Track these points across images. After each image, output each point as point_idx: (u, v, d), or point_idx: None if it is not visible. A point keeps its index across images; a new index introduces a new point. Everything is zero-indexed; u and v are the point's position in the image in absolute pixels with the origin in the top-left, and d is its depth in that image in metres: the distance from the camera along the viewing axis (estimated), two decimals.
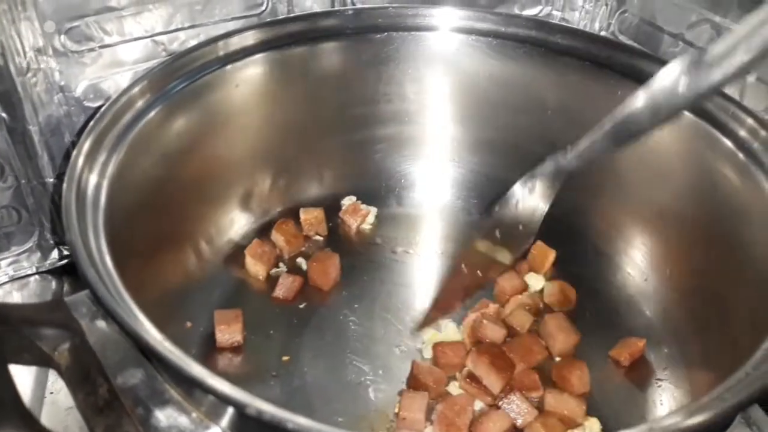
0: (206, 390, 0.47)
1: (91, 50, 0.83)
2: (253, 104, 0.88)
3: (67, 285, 0.91)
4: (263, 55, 0.87)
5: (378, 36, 0.92)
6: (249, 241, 0.88)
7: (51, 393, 0.77)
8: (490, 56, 0.93)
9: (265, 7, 0.93)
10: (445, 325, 0.81)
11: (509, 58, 0.92)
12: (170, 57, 0.81)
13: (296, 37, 0.89)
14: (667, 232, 0.83)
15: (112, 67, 0.85)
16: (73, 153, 0.65)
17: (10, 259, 0.88)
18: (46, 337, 0.54)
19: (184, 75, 0.80)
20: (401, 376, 0.75)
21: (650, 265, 0.85)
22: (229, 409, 0.49)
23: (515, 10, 1.05)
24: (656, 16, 0.95)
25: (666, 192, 0.82)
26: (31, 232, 0.88)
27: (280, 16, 0.93)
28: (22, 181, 0.84)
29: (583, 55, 0.88)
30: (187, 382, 0.48)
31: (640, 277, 0.86)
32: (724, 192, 0.75)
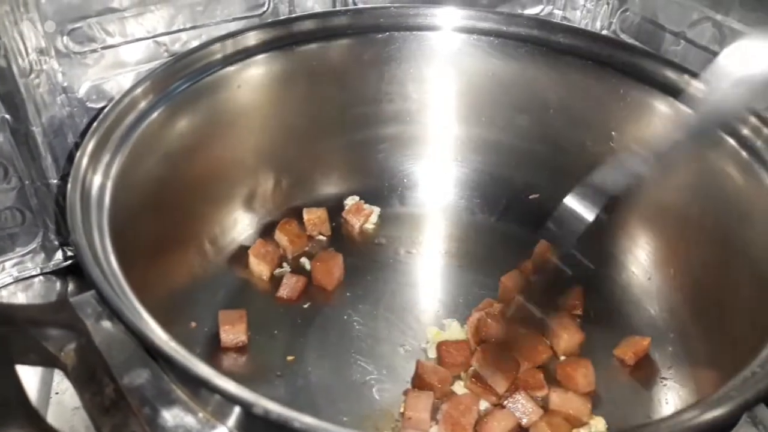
0: (213, 390, 0.47)
1: (94, 51, 0.83)
2: (255, 105, 0.89)
3: (72, 285, 0.91)
4: (265, 56, 0.87)
5: (380, 36, 0.93)
6: (252, 242, 0.88)
7: (56, 393, 0.77)
8: (491, 55, 0.93)
9: (266, 8, 0.93)
10: (449, 324, 0.81)
11: (511, 58, 0.92)
12: (173, 58, 0.81)
13: (298, 38, 0.89)
14: (670, 230, 0.83)
15: (115, 68, 0.85)
16: (77, 154, 0.65)
17: (15, 260, 0.88)
18: (52, 337, 0.54)
19: (187, 76, 0.80)
20: (406, 376, 0.75)
21: (654, 263, 0.85)
22: (236, 409, 0.49)
23: (517, 10, 1.05)
24: (658, 15, 0.95)
25: (669, 191, 0.82)
26: (35, 233, 0.88)
27: (282, 17, 0.93)
28: (26, 182, 0.84)
29: (584, 54, 0.88)
30: (194, 382, 0.48)
31: (644, 276, 0.86)
32: (728, 190, 0.75)
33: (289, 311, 0.82)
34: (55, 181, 0.85)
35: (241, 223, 0.90)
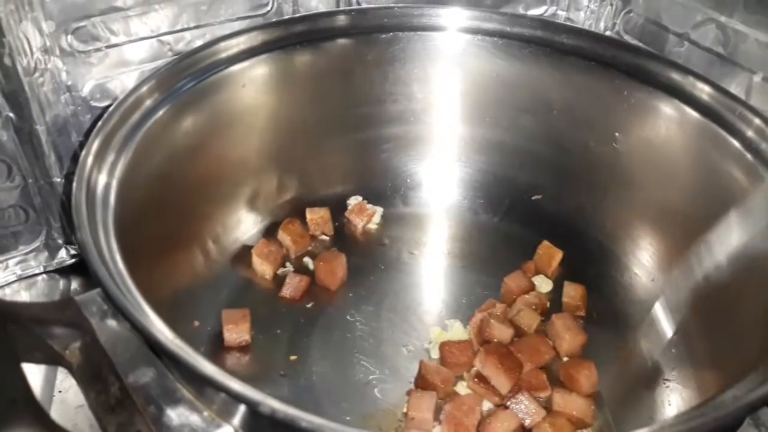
0: (220, 388, 0.47)
1: (98, 50, 0.83)
2: (259, 104, 0.89)
3: (75, 284, 0.91)
4: (269, 55, 0.87)
5: (384, 36, 0.93)
6: (256, 241, 0.88)
7: (60, 391, 0.77)
8: (495, 56, 0.93)
9: (270, 7, 0.93)
10: (451, 325, 0.81)
11: (515, 58, 0.92)
12: (177, 57, 0.81)
13: (302, 37, 0.89)
14: (673, 232, 0.83)
15: (119, 66, 0.85)
16: (83, 153, 0.65)
17: (18, 258, 0.89)
18: (57, 335, 0.54)
19: (191, 75, 0.80)
20: (409, 376, 0.75)
21: (657, 265, 0.85)
22: (241, 408, 0.49)
23: (520, 10, 1.05)
24: (661, 16, 0.95)
25: (673, 192, 0.82)
26: (39, 231, 0.88)
27: (286, 17, 0.93)
28: (30, 181, 0.84)
29: (588, 54, 0.88)
30: (200, 381, 0.48)
31: (647, 278, 0.86)
32: (731, 192, 0.75)
33: (292, 311, 0.82)
34: (59, 180, 0.86)
35: (245, 223, 0.90)
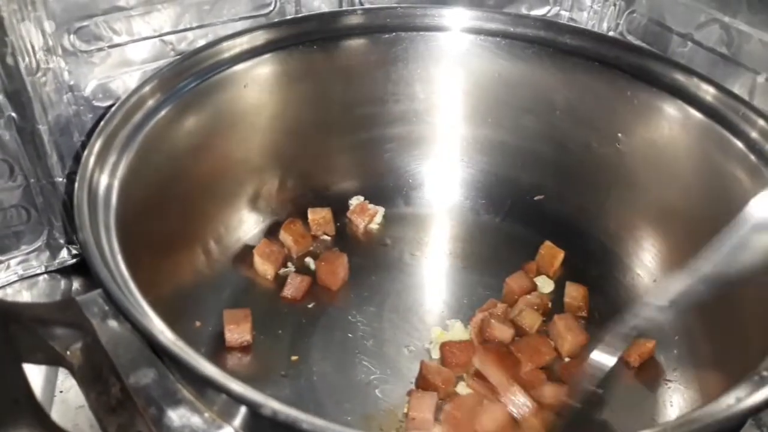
0: (221, 390, 0.47)
1: (100, 50, 0.83)
2: (261, 104, 0.88)
3: (76, 284, 0.91)
4: (272, 55, 0.87)
5: (387, 36, 0.92)
6: (257, 241, 0.88)
7: (61, 392, 0.77)
8: (498, 56, 0.93)
9: (273, 7, 0.92)
10: (452, 325, 0.81)
11: (518, 58, 0.92)
12: (180, 57, 0.81)
13: (304, 37, 0.89)
14: (676, 233, 0.83)
15: (121, 66, 0.85)
16: (84, 153, 0.65)
17: (20, 258, 0.89)
18: (58, 336, 0.54)
19: (194, 75, 0.80)
20: (410, 377, 0.75)
21: (659, 266, 0.85)
22: (242, 409, 0.49)
23: (523, 11, 1.05)
24: (665, 17, 0.95)
25: (676, 193, 0.82)
26: (41, 231, 0.88)
27: (289, 17, 0.93)
28: (32, 180, 0.84)
29: (591, 55, 0.88)
30: (201, 382, 0.48)
31: (649, 278, 0.86)
32: (735, 193, 0.74)
33: (294, 311, 0.82)
34: (61, 180, 0.86)
35: (247, 223, 0.90)
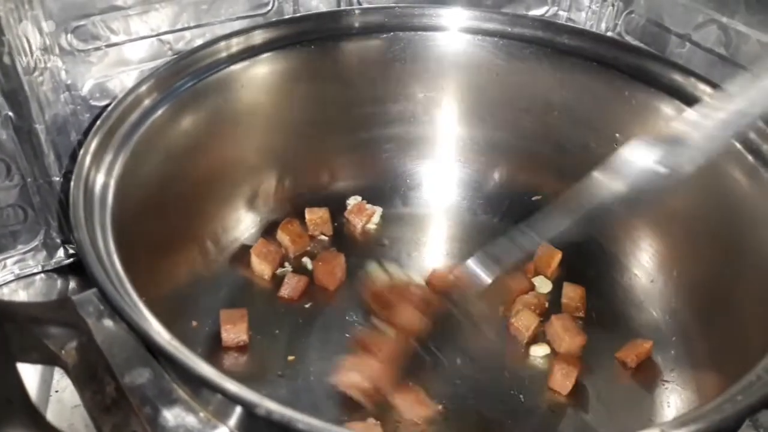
0: (216, 389, 0.46)
1: (98, 49, 0.82)
2: (259, 104, 0.88)
3: (73, 284, 0.91)
4: (269, 55, 0.87)
5: (384, 36, 0.92)
6: (254, 241, 0.88)
7: (56, 391, 0.77)
8: (496, 56, 0.92)
9: (270, 7, 0.92)
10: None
11: (516, 59, 0.92)
12: (177, 56, 0.81)
13: (302, 37, 0.89)
14: (674, 233, 0.83)
15: (118, 66, 0.85)
16: (81, 152, 0.65)
17: (16, 258, 0.88)
18: (53, 335, 0.54)
19: (191, 74, 0.80)
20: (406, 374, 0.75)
21: (657, 266, 0.85)
22: (237, 409, 0.49)
23: (521, 11, 1.05)
24: (663, 17, 0.95)
25: (673, 193, 0.82)
26: (37, 230, 0.88)
27: (286, 16, 0.93)
28: (28, 180, 0.84)
29: (589, 55, 0.88)
30: (196, 382, 0.48)
31: (647, 279, 0.86)
32: (732, 194, 0.74)
33: (291, 311, 0.82)
34: (58, 179, 0.85)
35: (244, 223, 0.90)
